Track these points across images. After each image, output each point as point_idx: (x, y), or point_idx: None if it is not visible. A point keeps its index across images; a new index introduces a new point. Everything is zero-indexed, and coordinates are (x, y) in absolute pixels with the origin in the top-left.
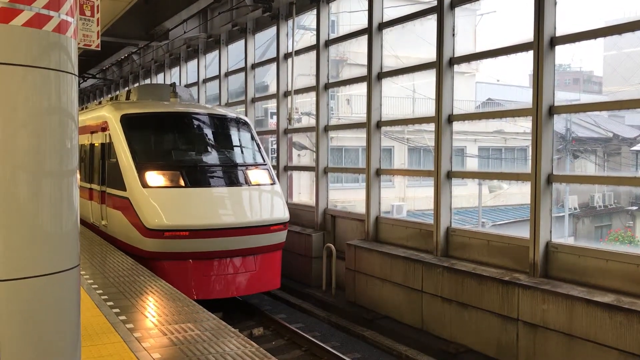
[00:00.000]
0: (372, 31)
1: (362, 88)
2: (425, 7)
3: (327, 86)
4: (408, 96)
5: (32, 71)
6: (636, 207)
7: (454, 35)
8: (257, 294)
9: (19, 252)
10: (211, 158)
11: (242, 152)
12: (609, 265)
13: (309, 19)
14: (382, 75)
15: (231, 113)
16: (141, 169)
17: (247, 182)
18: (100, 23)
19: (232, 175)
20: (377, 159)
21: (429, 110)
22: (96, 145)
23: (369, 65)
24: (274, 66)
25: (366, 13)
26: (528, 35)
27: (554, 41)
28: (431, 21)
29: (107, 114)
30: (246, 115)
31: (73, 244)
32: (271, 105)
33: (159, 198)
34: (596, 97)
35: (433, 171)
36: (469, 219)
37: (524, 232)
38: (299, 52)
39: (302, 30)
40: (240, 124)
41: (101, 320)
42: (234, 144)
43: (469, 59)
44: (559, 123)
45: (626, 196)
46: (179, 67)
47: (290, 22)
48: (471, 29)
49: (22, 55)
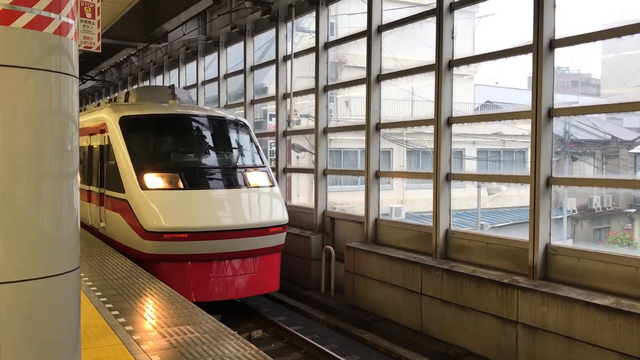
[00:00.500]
0: (372, 34)
1: (361, 90)
2: (425, 9)
3: (326, 88)
4: (407, 98)
5: (33, 73)
6: (635, 210)
7: (453, 37)
8: (256, 296)
9: (19, 255)
10: (210, 160)
11: (241, 154)
12: (608, 267)
13: (308, 21)
14: (381, 78)
15: (230, 115)
16: (140, 171)
17: (246, 184)
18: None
19: (231, 178)
20: (376, 161)
21: (428, 112)
22: (95, 147)
23: (368, 68)
24: (273, 68)
25: (365, 15)
26: (527, 38)
27: (553, 44)
28: (430, 24)
29: (106, 116)
30: (245, 118)
31: (73, 246)
32: (270, 107)
33: (157, 200)
34: (595, 99)
35: (432, 173)
36: (467, 221)
37: (522, 235)
38: (298, 55)
39: (301, 32)
40: (240, 126)
41: (100, 322)
42: (233, 146)
43: (468, 62)
44: (558, 125)
45: (625, 198)
46: (177, 69)
47: (289, 25)
48: (470, 31)
49: (23, 57)
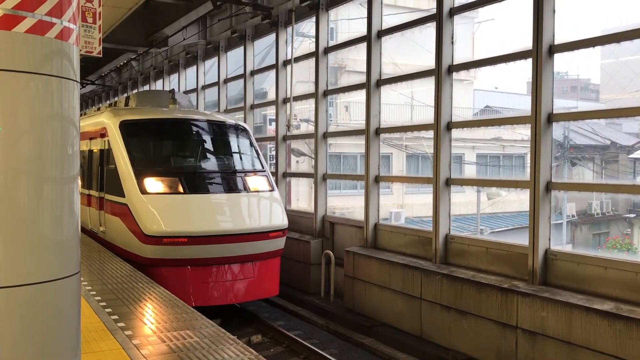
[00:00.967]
0: (371, 38)
1: (360, 95)
2: (424, 14)
3: (326, 93)
4: (406, 103)
5: (35, 78)
6: (634, 215)
7: (452, 43)
8: (255, 300)
9: (20, 259)
10: (210, 164)
11: (241, 158)
12: (607, 273)
13: (308, 26)
14: (381, 83)
15: (230, 119)
16: (140, 175)
17: (245, 189)
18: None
19: (230, 182)
20: (376, 166)
21: (427, 117)
22: (95, 151)
23: (368, 73)
24: (273, 73)
25: (365, 21)
26: (526, 43)
27: (553, 49)
28: (430, 29)
29: (106, 120)
30: (245, 122)
31: (74, 250)
32: (270, 111)
33: (157, 204)
34: (594, 104)
35: (432, 178)
36: (467, 226)
37: (522, 240)
38: (298, 59)
39: (301, 37)
40: (239, 130)
41: (99, 326)
42: (232, 151)
43: (468, 67)
44: (557, 131)
45: (624, 204)
46: (177, 73)
47: (289, 29)
48: (469, 36)
49: (25, 61)
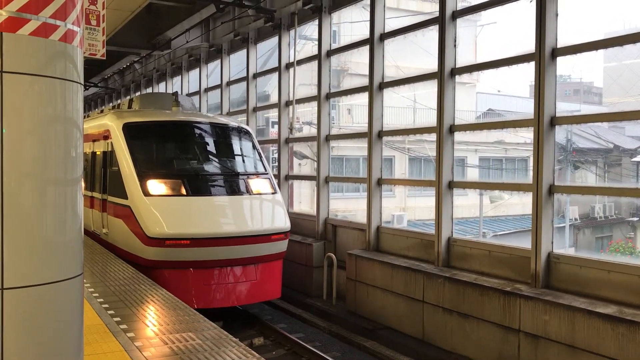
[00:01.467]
0: (374, 41)
1: (363, 98)
2: (427, 18)
3: (329, 96)
4: (409, 106)
5: (38, 80)
6: (637, 218)
7: (455, 46)
8: (258, 303)
9: (23, 260)
10: (213, 167)
11: (243, 161)
12: (610, 276)
13: (310, 29)
14: (383, 85)
15: (233, 122)
16: (143, 177)
17: (248, 191)
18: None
19: (233, 184)
20: (379, 169)
21: (430, 120)
22: (98, 153)
23: (371, 76)
24: (275, 76)
25: (367, 24)
26: (529, 47)
27: (556, 52)
28: (432, 32)
29: (109, 123)
30: (247, 125)
31: (77, 252)
32: (272, 114)
33: (160, 206)
34: (597, 108)
35: (434, 181)
36: (469, 229)
37: (525, 243)
38: (300, 62)
39: (304, 40)
40: (242, 133)
41: (102, 328)
42: (235, 153)
43: (471, 70)
44: (560, 134)
45: (627, 207)
46: (180, 76)
47: (292, 32)
48: (472, 39)
49: (29, 64)
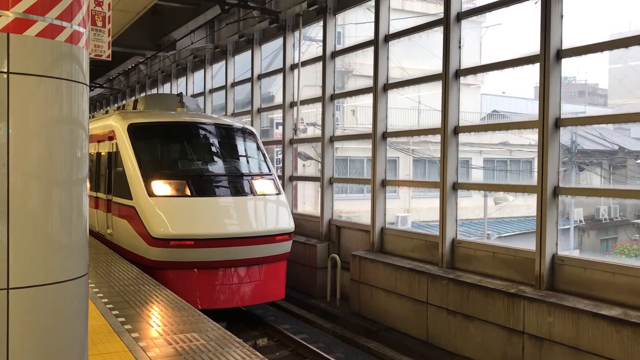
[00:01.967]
0: (379, 43)
1: (367, 99)
2: (432, 19)
3: (333, 97)
4: (413, 107)
5: (45, 81)
6: None
7: (460, 47)
8: (261, 304)
9: (29, 260)
10: (217, 168)
11: (247, 162)
12: (615, 278)
13: (315, 30)
14: (388, 87)
15: (237, 123)
16: (147, 178)
17: (252, 192)
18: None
19: (237, 185)
20: (383, 170)
21: (434, 121)
22: (103, 154)
23: (375, 77)
24: (280, 77)
25: (372, 25)
26: (534, 48)
27: (561, 54)
28: (437, 33)
29: (114, 123)
30: (252, 126)
31: (82, 252)
32: (277, 115)
33: (164, 207)
34: (602, 109)
35: (439, 182)
36: (474, 231)
37: (529, 245)
38: (305, 63)
39: (309, 41)
40: (247, 134)
41: (106, 328)
42: (239, 154)
43: (476, 71)
44: (565, 135)
45: (632, 209)
46: (185, 77)
47: (296, 34)
48: (477, 41)
49: (35, 65)
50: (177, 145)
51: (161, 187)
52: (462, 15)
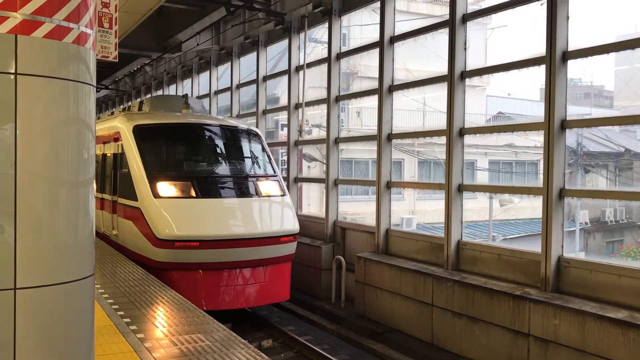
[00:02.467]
0: (384, 44)
1: (372, 101)
2: (437, 21)
3: (338, 99)
4: (418, 109)
5: (52, 82)
6: None
7: (465, 49)
8: (266, 305)
9: (35, 261)
10: (222, 169)
11: (252, 163)
12: (621, 281)
13: (320, 32)
14: (393, 88)
15: (242, 124)
16: (153, 179)
17: (257, 193)
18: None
19: (242, 186)
20: (388, 172)
21: (439, 123)
22: (108, 155)
23: (380, 78)
24: (285, 78)
25: (377, 27)
26: (540, 50)
27: (567, 55)
28: (443, 35)
29: (120, 125)
30: (257, 127)
31: (88, 253)
32: (282, 117)
33: (170, 208)
34: (608, 111)
35: (444, 184)
36: (479, 233)
37: (535, 247)
38: (310, 65)
39: (314, 43)
40: (252, 135)
41: (112, 329)
42: (245, 155)
43: (481, 73)
44: (570, 137)
45: (638, 211)
46: (191, 78)
47: (302, 35)
48: (482, 42)
49: (42, 66)
50: (183, 147)
51: (166, 188)
52: (468, 17)
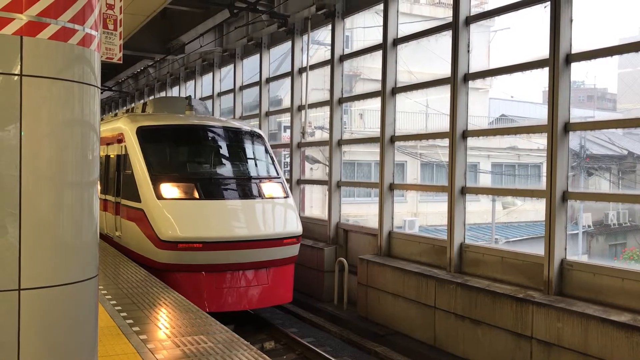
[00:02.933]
0: (387, 47)
1: (375, 103)
2: (441, 23)
3: (341, 101)
4: (421, 111)
5: (57, 83)
6: None
7: (469, 51)
8: (269, 307)
9: (40, 262)
10: (225, 170)
11: (256, 164)
12: (625, 284)
13: (323, 34)
14: (396, 91)
15: (246, 126)
16: (156, 180)
17: (260, 195)
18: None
19: (246, 188)
20: (391, 174)
21: (442, 125)
22: (112, 156)
23: (383, 81)
24: (288, 80)
25: (380, 29)
26: (543, 52)
27: (570, 58)
28: (446, 37)
29: (123, 126)
30: (260, 129)
31: (92, 254)
32: (285, 119)
33: (173, 210)
34: (611, 114)
35: (447, 187)
36: (482, 235)
37: (538, 249)
38: (313, 67)
39: (317, 45)
40: (255, 136)
41: (114, 330)
42: (248, 157)
43: (484, 75)
44: (574, 140)
45: None
46: (194, 80)
47: (305, 37)
48: (485, 45)
49: (48, 67)
50: (186, 148)
51: (170, 189)
52: (471, 19)
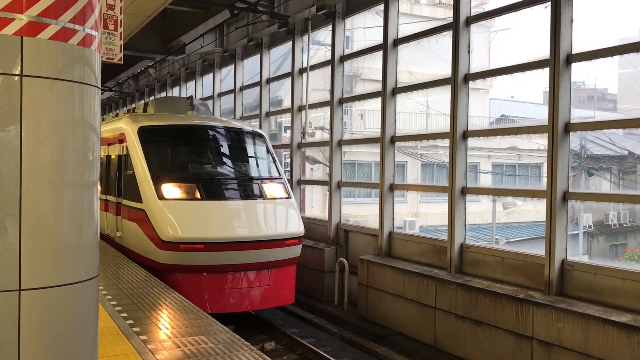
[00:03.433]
0: (387, 47)
1: (375, 103)
2: (441, 23)
3: (341, 101)
4: (422, 112)
5: (57, 84)
6: None
7: (469, 51)
8: (269, 308)
9: (40, 262)
10: (227, 171)
11: (257, 165)
12: (625, 284)
13: (324, 34)
14: (397, 91)
15: (247, 126)
16: (157, 181)
17: (262, 196)
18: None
19: (247, 189)
20: (391, 174)
21: (443, 125)
22: (113, 157)
23: (384, 81)
24: (288, 81)
25: (381, 29)
26: (543, 52)
27: (570, 58)
28: (446, 38)
29: (125, 126)
30: (261, 129)
31: (93, 254)
32: (285, 119)
33: (174, 210)
34: (612, 114)
35: (447, 187)
36: (482, 236)
37: (538, 250)
38: (313, 67)
39: (317, 45)
40: (256, 137)
41: (115, 330)
42: (249, 157)
43: (485, 76)
44: (574, 140)
45: None
46: (194, 80)
47: (305, 38)
48: (485, 45)
49: (48, 68)
50: (187, 148)
51: (171, 190)
52: (472, 20)
